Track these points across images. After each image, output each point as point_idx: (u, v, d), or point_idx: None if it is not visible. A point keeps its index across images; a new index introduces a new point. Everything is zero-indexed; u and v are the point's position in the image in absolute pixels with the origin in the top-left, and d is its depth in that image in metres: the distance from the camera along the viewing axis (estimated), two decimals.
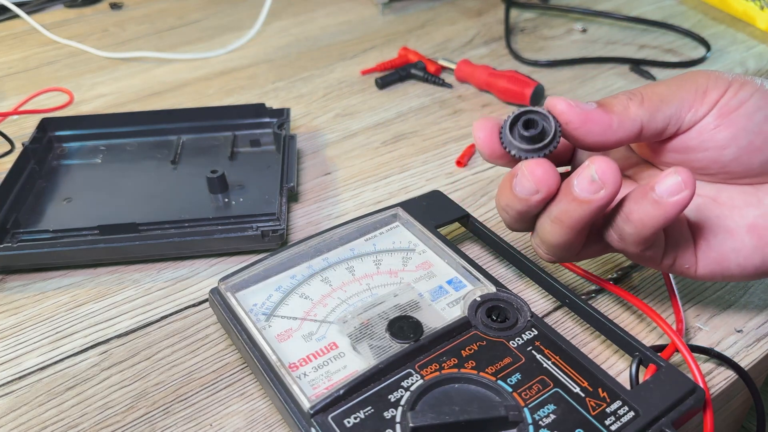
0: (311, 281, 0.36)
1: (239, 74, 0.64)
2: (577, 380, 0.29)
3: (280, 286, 0.36)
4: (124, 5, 0.80)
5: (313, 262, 0.37)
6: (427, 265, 0.37)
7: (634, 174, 0.34)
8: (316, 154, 0.52)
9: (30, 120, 0.57)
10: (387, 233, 0.39)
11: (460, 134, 0.54)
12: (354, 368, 0.31)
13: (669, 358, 0.31)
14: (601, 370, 0.29)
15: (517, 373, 0.29)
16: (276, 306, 0.35)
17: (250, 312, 0.34)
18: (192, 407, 0.33)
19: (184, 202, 0.45)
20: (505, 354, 0.30)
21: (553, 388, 0.29)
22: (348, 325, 0.33)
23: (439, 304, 0.34)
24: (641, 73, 0.61)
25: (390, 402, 0.28)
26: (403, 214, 0.40)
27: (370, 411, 0.28)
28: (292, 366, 0.31)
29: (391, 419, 0.27)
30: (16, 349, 0.37)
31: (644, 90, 0.30)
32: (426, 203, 0.41)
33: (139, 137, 0.51)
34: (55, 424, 0.33)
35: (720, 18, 0.72)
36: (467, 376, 0.29)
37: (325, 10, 0.77)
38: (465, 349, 0.30)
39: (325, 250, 0.38)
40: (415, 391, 0.28)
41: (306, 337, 0.33)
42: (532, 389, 0.28)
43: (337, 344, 0.32)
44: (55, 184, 0.47)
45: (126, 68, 0.66)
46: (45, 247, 0.40)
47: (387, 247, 0.38)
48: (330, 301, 0.35)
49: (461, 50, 0.67)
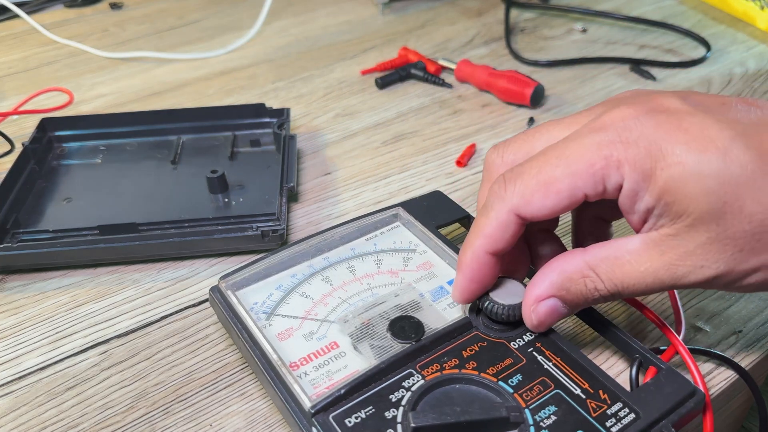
0: (312, 280, 0.36)
1: (239, 74, 0.64)
2: (578, 382, 0.29)
3: (280, 285, 0.36)
4: (124, 5, 0.80)
5: (313, 261, 0.37)
6: (428, 266, 0.37)
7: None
8: (316, 154, 0.52)
9: (30, 120, 0.57)
10: (388, 233, 0.39)
11: (460, 134, 0.54)
12: (355, 368, 0.31)
13: (669, 360, 0.31)
14: (601, 371, 0.29)
15: (519, 374, 0.29)
16: (277, 305, 0.35)
17: (250, 310, 0.34)
18: (192, 407, 0.33)
19: (184, 202, 0.45)
20: (507, 355, 0.30)
21: (554, 389, 0.29)
22: (349, 325, 0.33)
23: (440, 305, 0.34)
24: (641, 73, 0.61)
25: (391, 402, 0.28)
26: (404, 214, 0.40)
27: (371, 411, 0.28)
28: (293, 365, 0.31)
29: (392, 419, 0.27)
30: (16, 349, 0.37)
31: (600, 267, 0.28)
32: (427, 203, 0.41)
33: (139, 137, 0.51)
34: (55, 424, 0.33)
35: (720, 18, 0.72)
36: (468, 377, 0.29)
37: (325, 10, 0.77)
38: (466, 349, 0.30)
39: (326, 249, 0.38)
40: (417, 392, 0.28)
41: (307, 337, 0.33)
42: (533, 390, 0.28)
43: (338, 344, 0.32)
44: (55, 184, 0.47)
45: (126, 68, 0.66)
46: (45, 247, 0.40)
47: (388, 247, 0.38)
48: (331, 300, 0.35)
49: (461, 50, 0.67)
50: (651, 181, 0.26)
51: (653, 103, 0.28)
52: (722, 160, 0.25)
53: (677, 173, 0.25)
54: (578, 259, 0.28)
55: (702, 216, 0.25)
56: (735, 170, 0.25)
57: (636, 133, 0.26)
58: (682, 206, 0.25)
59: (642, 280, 0.27)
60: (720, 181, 0.25)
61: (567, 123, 0.30)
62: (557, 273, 0.29)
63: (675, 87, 0.60)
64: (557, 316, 0.30)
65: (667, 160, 0.25)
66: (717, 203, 0.25)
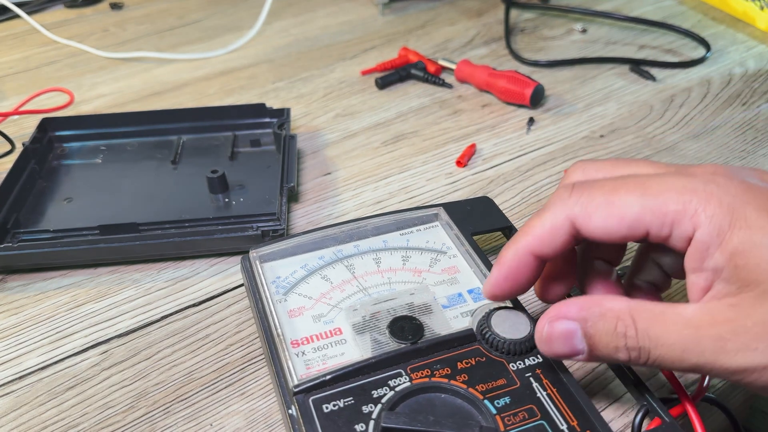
0: (336, 265, 0.36)
1: (239, 74, 0.64)
2: (567, 418, 0.27)
3: (305, 264, 0.36)
4: (124, 5, 0.80)
5: (343, 246, 0.37)
6: (453, 270, 0.36)
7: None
8: (316, 154, 0.52)
9: (30, 120, 0.57)
10: (424, 231, 0.39)
11: (460, 134, 0.54)
12: (351, 357, 0.31)
13: (677, 417, 0.29)
14: (595, 412, 0.28)
15: (507, 396, 0.28)
16: (297, 282, 0.35)
17: (271, 284, 0.35)
18: (192, 407, 0.33)
19: (185, 202, 0.45)
20: (501, 375, 0.29)
21: (540, 419, 0.27)
22: (356, 314, 0.33)
23: (452, 312, 0.34)
24: (641, 73, 0.61)
25: (372, 397, 0.28)
26: (443, 215, 0.39)
27: (350, 402, 0.28)
28: (294, 342, 0.32)
29: (367, 414, 0.27)
30: (17, 349, 0.37)
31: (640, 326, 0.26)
32: (471, 208, 0.40)
33: (139, 137, 0.51)
34: (55, 424, 0.33)
35: (720, 18, 0.72)
36: (454, 389, 0.29)
37: (325, 10, 0.77)
38: (462, 361, 0.30)
39: (357, 237, 0.38)
40: (400, 392, 0.28)
41: (315, 318, 0.33)
42: (517, 416, 0.28)
43: (342, 330, 0.32)
44: (55, 184, 0.47)
45: (126, 68, 0.66)
46: (45, 247, 0.40)
47: (419, 245, 0.38)
48: (348, 287, 0.35)
49: (461, 50, 0.67)
50: (725, 239, 0.24)
51: (752, 172, 0.27)
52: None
53: (755, 237, 0.24)
54: (623, 302, 0.26)
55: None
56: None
57: (722, 190, 0.25)
58: (752, 273, 0.24)
59: (679, 343, 0.24)
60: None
61: (660, 165, 0.29)
62: (593, 303, 0.26)
63: (675, 87, 0.60)
64: (570, 347, 0.27)
65: (747, 222, 0.24)
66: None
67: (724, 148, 0.52)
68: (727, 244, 0.24)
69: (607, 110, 0.57)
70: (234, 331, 0.37)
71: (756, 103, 0.57)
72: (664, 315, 0.25)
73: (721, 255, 0.24)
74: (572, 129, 0.54)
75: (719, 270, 0.25)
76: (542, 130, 0.54)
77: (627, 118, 0.56)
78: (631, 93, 0.59)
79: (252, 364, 0.35)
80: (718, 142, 0.52)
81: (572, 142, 0.53)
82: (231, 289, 0.40)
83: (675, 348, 0.24)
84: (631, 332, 0.25)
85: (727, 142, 0.52)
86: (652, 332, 0.25)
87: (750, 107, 0.57)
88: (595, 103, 0.58)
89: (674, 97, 0.58)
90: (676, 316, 0.25)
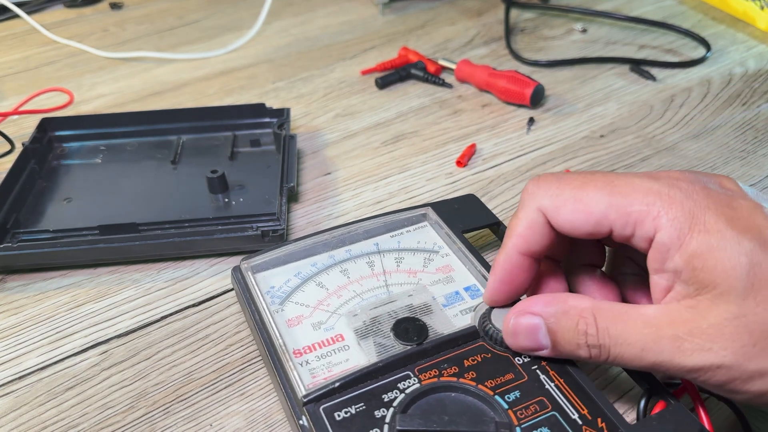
0: (330, 271, 0.36)
1: (239, 74, 0.64)
2: (578, 406, 0.28)
3: (299, 272, 0.36)
4: (124, 5, 0.80)
5: (335, 252, 0.37)
6: (447, 269, 0.36)
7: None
8: (316, 154, 0.52)
9: (30, 120, 0.57)
10: (414, 232, 0.39)
11: (460, 134, 0.54)
12: (355, 362, 0.31)
13: (681, 398, 0.29)
14: (604, 399, 0.28)
15: (517, 390, 0.28)
16: (292, 291, 0.35)
17: (266, 294, 0.34)
18: (192, 407, 0.33)
19: (184, 202, 0.45)
20: (509, 369, 0.29)
21: (551, 410, 0.28)
22: (357, 319, 0.33)
23: (452, 310, 0.34)
24: (641, 73, 0.61)
25: (383, 401, 0.28)
26: (432, 215, 0.39)
27: (362, 408, 0.28)
28: (297, 352, 0.31)
29: (380, 419, 0.27)
30: (16, 349, 0.37)
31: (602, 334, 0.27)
32: (458, 206, 0.40)
33: (139, 137, 0.51)
34: (55, 424, 0.33)
35: (720, 18, 0.72)
36: (464, 387, 0.29)
37: (325, 10, 0.77)
38: (468, 359, 0.30)
39: (349, 241, 0.38)
40: (410, 395, 0.28)
41: (315, 326, 0.33)
42: (529, 409, 0.28)
43: (344, 336, 0.32)
44: (55, 184, 0.47)
45: (126, 68, 0.66)
46: (45, 247, 0.40)
47: (411, 246, 0.38)
48: (345, 293, 0.35)
49: (461, 50, 0.67)
50: (684, 242, 0.25)
51: (713, 179, 0.28)
52: (760, 245, 0.24)
53: (712, 241, 0.24)
54: (586, 300, 0.27)
55: (726, 291, 0.24)
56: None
57: (684, 195, 0.26)
58: (709, 275, 0.24)
59: (638, 342, 0.25)
60: (753, 262, 0.24)
61: (630, 173, 0.30)
62: (558, 300, 0.28)
63: (675, 87, 0.60)
64: (534, 341, 0.28)
65: (706, 226, 0.25)
66: (745, 281, 0.24)
67: (724, 148, 0.52)
68: (686, 247, 0.25)
69: (607, 110, 0.57)
70: (234, 332, 0.37)
71: (756, 103, 0.57)
72: (625, 314, 0.26)
73: (680, 257, 0.25)
74: (572, 129, 0.54)
75: (679, 272, 0.25)
76: (542, 130, 0.54)
77: (627, 118, 0.56)
78: (631, 93, 0.59)
79: (252, 365, 0.35)
80: (718, 142, 0.52)
81: (572, 142, 0.53)
82: (231, 289, 0.40)
83: (634, 347, 0.26)
84: (592, 330, 0.26)
85: (727, 142, 0.52)
86: (613, 331, 0.26)
87: (750, 107, 0.57)
88: (595, 103, 0.58)
89: (674, 97, 0.58)
90: (637, 316, 0.26)
